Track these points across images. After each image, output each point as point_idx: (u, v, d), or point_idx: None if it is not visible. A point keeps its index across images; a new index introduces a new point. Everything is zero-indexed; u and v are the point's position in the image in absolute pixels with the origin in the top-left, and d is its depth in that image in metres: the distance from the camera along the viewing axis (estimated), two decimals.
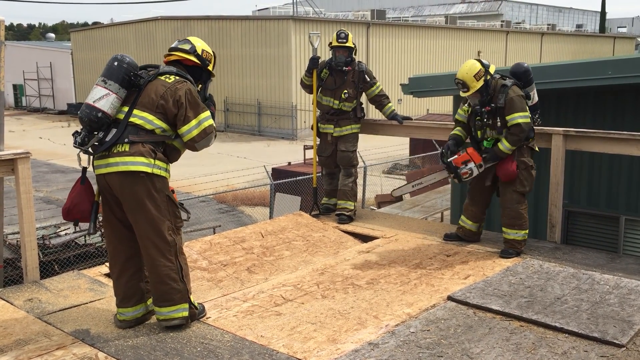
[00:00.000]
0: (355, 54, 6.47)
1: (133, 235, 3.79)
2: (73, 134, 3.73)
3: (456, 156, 5.32)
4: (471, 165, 5.27)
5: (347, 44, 6.35)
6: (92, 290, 4.51)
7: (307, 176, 11.86)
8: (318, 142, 6.79)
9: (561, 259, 5.19)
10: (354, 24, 33.86)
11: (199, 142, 3.79)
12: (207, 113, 3.82)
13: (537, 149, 5.45)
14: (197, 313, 3.94)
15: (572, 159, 7.12)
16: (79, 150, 3.72)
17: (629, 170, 7.17)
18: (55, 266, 9.27)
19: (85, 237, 10.38)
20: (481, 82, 5.16)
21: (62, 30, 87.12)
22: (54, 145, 28.21)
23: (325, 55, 6.49)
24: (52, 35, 61.91)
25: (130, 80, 3.72)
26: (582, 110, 7.54)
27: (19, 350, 3.57)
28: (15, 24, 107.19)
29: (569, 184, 6.90)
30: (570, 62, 7.91)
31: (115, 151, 3.64)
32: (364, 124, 6.68)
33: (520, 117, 5.11)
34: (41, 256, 8.91)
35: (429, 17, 55.57)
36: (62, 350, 3.56)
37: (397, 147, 18.39)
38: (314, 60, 6.47)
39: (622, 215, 7.26)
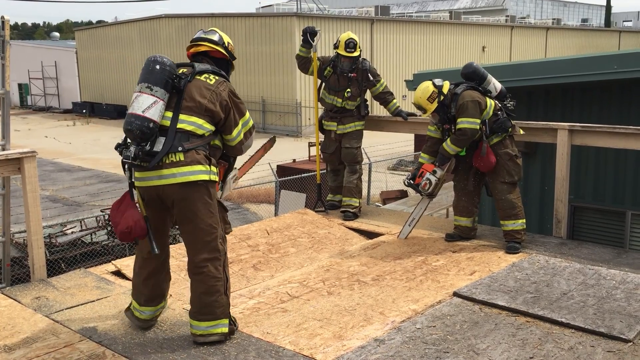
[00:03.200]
0: (359, 56, 6.42)
1: (167, 241, 3.76)
2: (118, 148, 3.43)
3: (416, 177, 5.52)
4: (426, 175, 5.44)
5: (354, 54, 6.32)
6: (99, 288, 4.53)
7: (312, 173, 11.86)
8: (322, 139, 6.79)
9: (567, 254, 5.18)
10: (357, 20, 33.79)
11: (245, 144, 3.69)
12: (248, 112, 3.70)
13: (521, 132, 5.54)
14: (234, 330, 3.71)
15: (578, 154, 7.10)
16: (127, 164, 3.40)
17: (635, 165, 7.14)
18: (62, 264, 9.32)
19: (91, 235, 10.43)
20: (435, 104, 5.29)
21: (67, 29, 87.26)
22: (59, 144, 28.31)
23: (323, 52, 6.44)
24: (57, 34, 61.98)
25: (173, 84, 3.48)
26: (588, 105, 7.51)
27: (27, 348, 3.59)
28: (19, 23, 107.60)
29: (574, 179, 6.88)
30: (576, 57, 7.88)
31: (168, 161, 3.40)
32: (368, 121, 6.67)
33: (466, 122, 5.21)
34: (48, 254, 8.96)
35: (433, 12, 55.46)
36: (69, 348, 3.58)
37: (402, 143, 18.37)
38: (311, 30, 6.30)
39: (628, 210, 7.24)
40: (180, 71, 3.58)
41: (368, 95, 6.64)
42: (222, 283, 3.58)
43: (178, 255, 4.88)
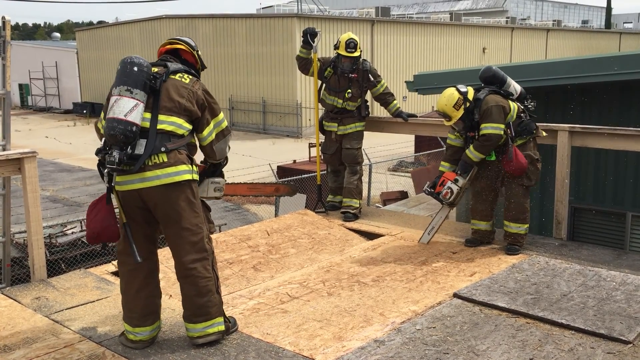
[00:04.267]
0: (359, 56, 6.42)
1: (155, 249, 3.63)
2: (99, 153, 3.36)
3: (436, 185, 5.40)
4: (447, 184, 5.31)
5: (354, 54, 6.32)
6: (99, 288, 4.53)
7: (312, 174, 11.86)
8: (322, 140, 6.79)
9: (567, 255, 5.18)
10: (358, 22, 33.81)
11: (216, 145, 3.63)
12: (222, 114, 3.66)
13: (544, 134, 5.41)
14: (230, 327, 3.73)
15: (578, 155, 7.10)
16: (110, 169, 3.29)
17: (636, 166, 7.15)
18: (62, 265, 9.32)
19: None
20: (461, 111, 5.13)
21: (68, 30, 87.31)
22: (59, 144, 28.32)
23: (324, 53, 6.44)
24: (58, 34, 61.97)
25: (151, 85, 3.41)
26: (588, 106, 7.51)
27: (27, 348, 3.59)
28: (20, 24, 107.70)
29: (575, 181, 6.89)
30: (576, 58, 7.88)
31: (151, 163, 3.34)
32: (369, 121, 6.67)
33: (490, 128, 5.07)
34: (48, 255, 8.96)
35: (433, 14, 55.45)
36: (69, 349, 3.58)
37: (402, 144, 18.37)
38: (312, 31, 6.30)
39: (628, 211, 7.24)
40: (154, 70, 3.50)
41: (368, 96, 6.64)
42: (213, 282, 3.54)
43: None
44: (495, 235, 5.55)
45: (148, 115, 3.39)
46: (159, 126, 3.39)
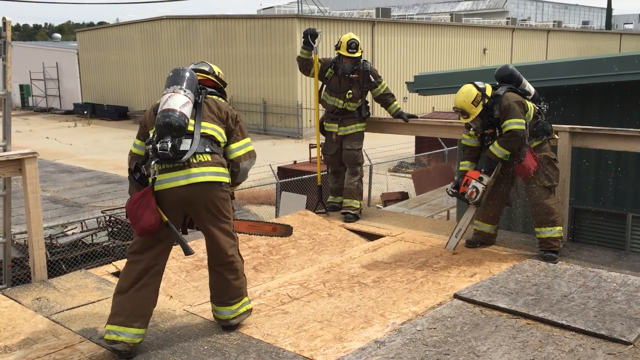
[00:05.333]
0: (360, 57, 6.43)
1: (168, 254, 3.73)
2: (149, 144, 3.54)
3: (460, 186, 5.29)
4: (472, 183, 5.19)
5: (355, 54, 6.32)
6: (99, 289, 4.53)
7: (313, 175, 11.87)
8: (323, 141, 6.79)
9: (568, 256, 5.18)
10: (359, 22, 33.82)
11: (243, 162, 3.84)
12: (249, 139, 3.96)
13: (557, 136, 5.38)
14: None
15: (579, 156, 7.10)
16: (156, 159, 3.49)
17: (636, 167, 7.15)
18: (63, 265, 9.32)
19: (92, 236, 10.43)
20: (480, 107, 5.05)
21: (68, 31, 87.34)
22: (60, 145, 28.33)
23: (324, 53, 6.44)
24: (58, 35, 61.98)
25: (198, 93, 3.75)
26: (589, 107, 7.51)
27: (27, 349, 3.59)
28: (21, 25, 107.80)
29: (575, 182, 6.88)
30: (577, 59, 7.89)
31: (196, 161, 3.56)
32: (369, 122, 6.67)
33: (515, 123, 4.99)
34: (48, 255, 8.95)
35: (434, 14, 55.49)
36: (70, 349, 3.58)
37: (402, 145, 18.36)
38: (312, 32, 6.29)
39: (629, 212, 7.24)
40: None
41: (369, 97, 6.64)
42: (242, 264, 3.86)
43: (178, 256, 4.88)
44: (495, 238, 5.53)
45: (192, 120, 3.63)
46: (202, 130, 3.65)
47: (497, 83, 5.29)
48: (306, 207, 8.59)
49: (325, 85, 6.57)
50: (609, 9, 59.00)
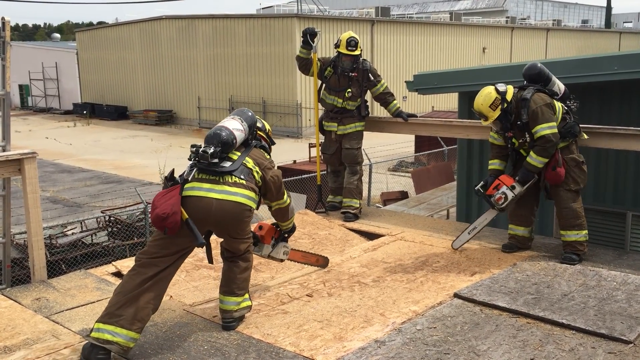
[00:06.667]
0: (360, 55, 6.43)
1: (181, 261, 3.77)
2: (193, 147, 3.76)
3: (489, 187, 5.18)
4: (503, 189, 5.08)
5: (355, 52, 6.32)
6: (99, 289, 4.53)
7: (313, 174, 11.86)
8: (322, 140, 6.79)
9: None
10: (358, 22, 33.80)
11: (290, 208, 4.30)
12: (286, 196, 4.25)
13: (585, 136, 5.26)
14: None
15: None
16: (198, 162, 3.74)
17: (636, 166, 7.14)
18: (63, 265, 9.32)
19: (91, 236, 10.43)
20: (498, 111, 4.91)
21: (67, 30, 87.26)
22: (60, 145, 28.31)
23: (324, 53, 6.43)
24: (58, 35, 61.94)
25: (251, 134, 4.03)
26: (588, 106, 7.50)
27: (27, 349, 3.59)
28: (20, 25, 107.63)
29: None
30: (576, 58, 7.88)
31: (231, 181, 3.76)
32: (368, 121, 6.67)
33: (546, 128, 4.85)
34: (48, 256, 8.95)
35: (433, 13, 55.46)
36: (69, 349, 3.58)
37: (402, 144, 18.36)
38: (311, 31, 6.31)
39: (629, 211, 7.23)
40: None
41: (368, 96, 6.64)
42: (252, 263, 4.05)
43: None
44: (532, 242, 5.37)
45: (238, 152, 3.90)
46: (244, 161, 3.89)
47: (525, 82, 5.15)
48: (306, 207, 8.59)
49: (324, 85, 6.57)
50: (608, 8, 58.95)
